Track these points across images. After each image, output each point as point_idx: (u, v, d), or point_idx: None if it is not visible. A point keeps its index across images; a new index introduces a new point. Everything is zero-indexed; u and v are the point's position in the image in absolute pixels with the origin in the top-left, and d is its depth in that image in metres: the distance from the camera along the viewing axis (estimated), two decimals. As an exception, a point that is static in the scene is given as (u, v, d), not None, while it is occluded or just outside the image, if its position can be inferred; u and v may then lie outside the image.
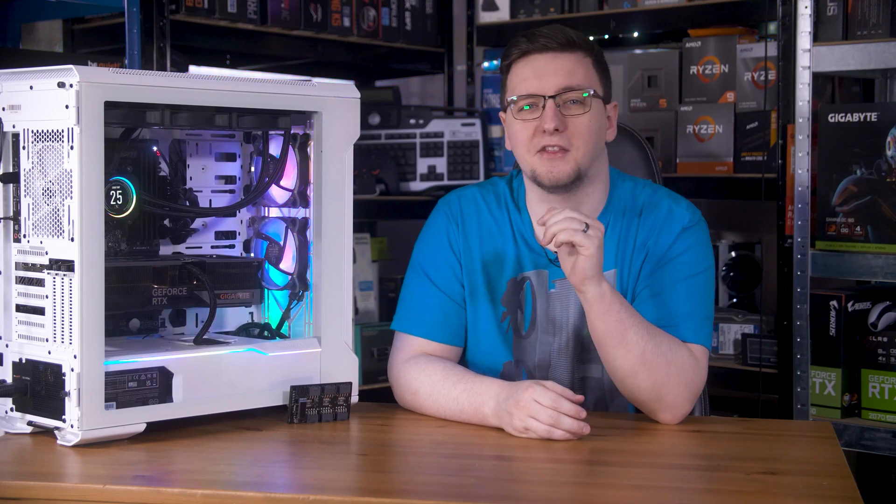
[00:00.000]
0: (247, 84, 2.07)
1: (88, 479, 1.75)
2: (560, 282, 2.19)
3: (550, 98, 2.10)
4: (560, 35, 2.13)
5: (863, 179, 2.88)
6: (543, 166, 2.12)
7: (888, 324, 2.98)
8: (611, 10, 3.51)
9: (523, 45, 2.14)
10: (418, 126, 3.70)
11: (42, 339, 1.90)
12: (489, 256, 2.23)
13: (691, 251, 2.16)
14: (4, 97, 1.95)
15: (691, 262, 2.15)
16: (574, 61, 2.13)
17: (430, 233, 2.28)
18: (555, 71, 2.12)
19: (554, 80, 2.11)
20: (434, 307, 2.22)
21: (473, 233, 2.24)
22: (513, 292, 2.22)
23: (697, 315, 2.13)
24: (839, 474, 1.77)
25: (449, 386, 2.09)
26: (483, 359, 2.23)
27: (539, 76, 2.12)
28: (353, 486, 1.79)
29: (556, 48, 2.12)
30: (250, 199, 2.21)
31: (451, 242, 2.24)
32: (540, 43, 2.13)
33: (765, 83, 3.21)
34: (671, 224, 2.17)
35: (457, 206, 2.27)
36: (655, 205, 2.20)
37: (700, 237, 2.19)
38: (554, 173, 2.11)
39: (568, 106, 2.11)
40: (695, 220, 2.19)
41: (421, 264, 2.25)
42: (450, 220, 2.26)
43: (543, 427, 1.93)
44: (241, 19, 3.25)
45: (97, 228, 1.86)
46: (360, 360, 2.42)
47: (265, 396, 2.06)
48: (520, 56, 2.15)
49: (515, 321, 2.22)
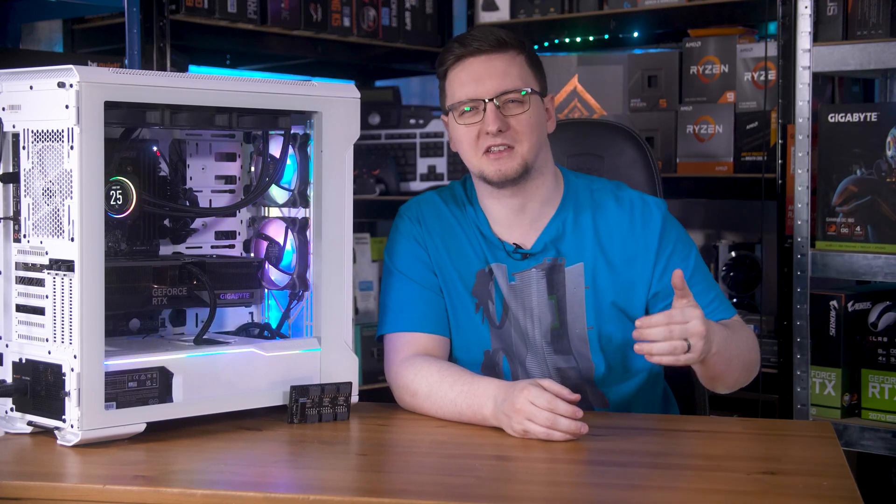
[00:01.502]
0: (247, 84, 2.07)
1: (88, 479, 1.75)
2: (520, 275, 2.24)
3: (490, 101, 2.16)
4: (491, 37, 2.20)
5: (863, 179, 2.88)
6: (491, 166, 2.18)
7: (888, 324, 2.98)
8: (611, 10, 3.51)
9: (457, 50, 2.21)
10: (418, 126, 3.70)
11: (42, 339, 1.90)
12: (455, 252, 2.27)
13: (679, 236, 2.27)
14: (4, 97, 1.95)
15: (685, 247, 2.26)
16: (507, 62, 2.19)
17: (397, 237, 2.31)
18: (490, 74, 2.18)
19: (491, 83, 2.17)
20: (416, 300, 2.24)
21: (436, 231, 2.29)
22: (482, 283, 2.26)
23: (718, 292, 2.26)
24: (839, 474, 1.76)
25: (446, 388, 2.09)
26: (465, 349, 2.26)
27: (476, 80, 2.18)
28: (353, 486, 1.79)
29: (488, 50, 2.19)
30: (250, 199, 2.21)
31: (417, 241, 2.28)
32: (473, 47, 2.19)
33: (765, 83, 3.21)
34: (651, 214, 2.26)
35: (416, 209, 2.32)
36: (625, 199, 2.28)
37: (676, 222, 2.30)
38: (502, 171, 2.18)
39: (508, 106, 2.18)
40: (664, 206, 2.29)
41: (395, 265, 2.28)
42: (413, 222, 2.30)
43: (542, 430, 1.93)
44: (241, 19, 3.25)
45: (97, 228, 1.86)
46: (360, 360, 2.42)
47: (265, 396, 2.06)
48: (455, 61, 2.21)
49: (488, 312, 2.25)
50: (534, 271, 2.24)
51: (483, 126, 2.17)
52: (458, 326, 2.26)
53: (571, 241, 2.24)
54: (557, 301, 2.23)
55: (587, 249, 2.23)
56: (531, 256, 2.24)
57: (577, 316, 2.22)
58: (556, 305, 2.23)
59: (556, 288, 2.23)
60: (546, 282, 2.23)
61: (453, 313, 2.26)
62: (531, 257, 2.24)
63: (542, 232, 2.24)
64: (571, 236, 2.24)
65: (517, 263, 2.24)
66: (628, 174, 2.49)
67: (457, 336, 2.27)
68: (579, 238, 2.24)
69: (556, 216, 2.25)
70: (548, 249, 2.24)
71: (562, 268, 2.23)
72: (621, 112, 3.48)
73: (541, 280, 2.23)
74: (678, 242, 2.25)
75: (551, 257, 2.23)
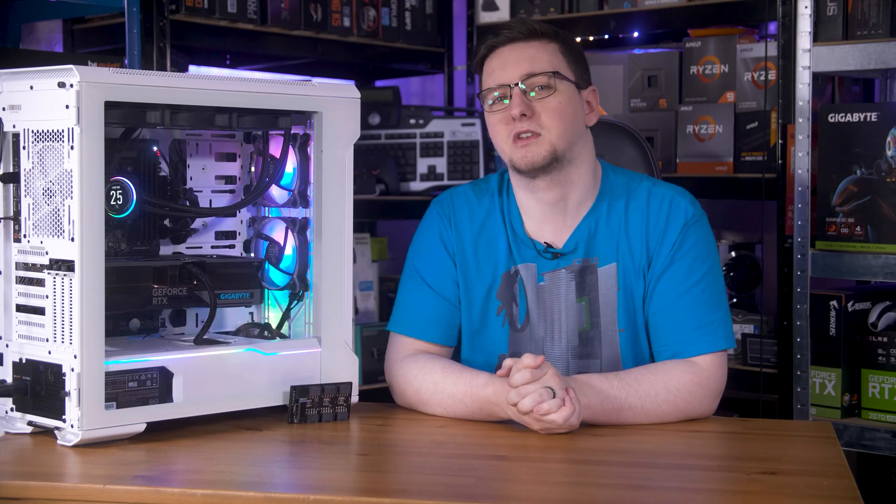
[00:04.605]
0: (247, 84, 2.07)
1: (88, 479, 1.75)
2: (549, 275, 2.20)
3: (516, 85, 2.13)
4: (523, 26, 2.18)
5: (863, 179, 2.88)
6: (518, 153, 2.14)
7: (888, 324, 2.98)
8: (611, 10, 3.51)
9: (490, 41, 2.20)
10: (418, 126, 3.70)
11: (42, 339, 1.90)
12: (483, 253, 2.23)
13: (695, 249, 2.16)
14: (4, 97, 1.95)
15: (696, 263, 2.16)
16: (537, 48, 2.16)
17: (423, 233, 2.29)
18: (517, 60, 2.15)
19: (517, 68, 2.14)
20: (428, 308, 2.23)
21: (466, 230, 2.25)
22: (506, 285, 2.22)
23: (707, 322, 2.13)
24: (839, 474, 1.76)
25: (450, 385, 2.09)
26: (479, 353, 2.24)
27: (503, 66, 2.16)
28: (353, 486, 1.79)
29: (519, 38, 2.17)
30: (250, 199, 2.21)
31: (444, 242, 2.25)
32: (505, 36, 2.18)
33: (765, 83, 3.21)
34: (675, 217, 2.18)
35: (449, 204, 2.28)
36: (656, 195, 2.20)
37: (703, 233, 2.19)
38: (528, 157, 2.13)
39: (536, 91, 2.14)
40: (697, 214, 2.20)
41: (416, 266, 2.26)
42: (442, 219, 2.27)
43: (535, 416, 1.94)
44: (241, 19, 3.25)
45: (97, 228, 1.86)
46: (360, 360, 2.42)
47: (265, 396, 2.06)
48: (487, 52, 2.20)
49: (511, 314, 2.22)
50: (563, 272, 2.19)
51: (509, 111, 2.14)
52: (473, 331, 2.24)
53: (604, 241, 2.18)
54: (589, 303, 2.18)
55: (620, 249, 2.18)
56: (562, 256, 2.19)
57: (610, 318, 2.18)
58: (588, 307, 2.18)
59: (588, 289, 2.18)
60: (575, 284, 2.19)
61: (468, 318, 2.24)
62: (562, 257, 2.19)
63: (574, 231, 2.19)
64: (604, 236, 2.19)
65: (547, 263, 2.19)
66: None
67: (470, 339, 2.25)
68: (612, 238, 2.18)
69: (590, 215, 2.19)
70: (579, 249, 2.18)
71: (594, 268, 2.18)
72: (621, 112, 3.49)
73: (570, 282, 2.19)
74: (688, 255, 2.16)
75: (582, 258, 2.18)
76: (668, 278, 2.15)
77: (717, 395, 2.13)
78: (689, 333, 2.13)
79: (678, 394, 2.07)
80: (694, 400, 2.09)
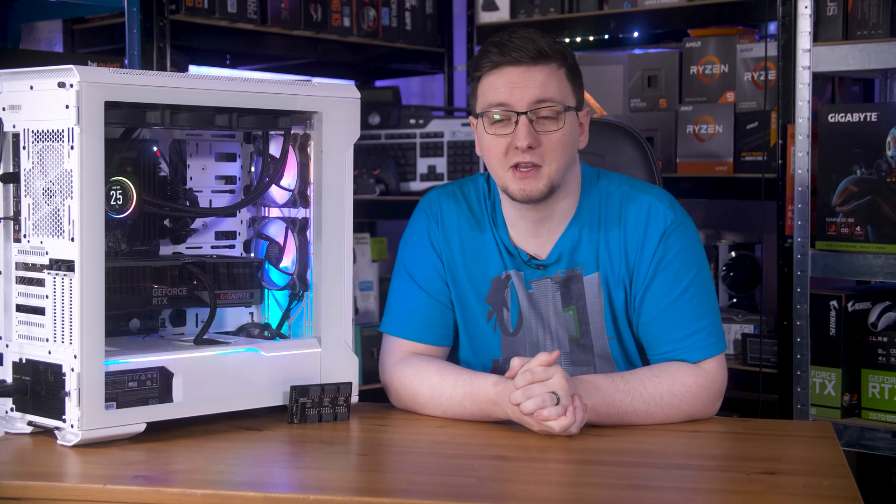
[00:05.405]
0: (247, 84, 2.07)
1: (88, 479, 1.75)
2: (536, 283, 2.19)
3: (524, 114, 2.06)
4: (531, 46, 2.06)
5: (863, 179, 2.88)
6: (516, 184, 2.09)
7: (888, 324, 2.98)
8: (611, 10, 3.51)
9: (495, 57, 2.08)
10: (418, 126, 3.69)
11: (42, 339, 1.90)
12: (471, 255, 2.22)
13: (679, 258, 2.13)
14: (4, 97, 1.95)
15: (681, 271, 2.13)
16: (548, 74, 2.08)
17: (412, 233, 2.27)
18: (527, 84, 2.07)
19: (527, 93, 2.06)
20: (419, 309, 2.22)
21: (454, 231, 2.23)
22: (497, 290, 2.21)
23: (699, 328, 2.11)
24: (839, 474, 1.76)
25: (448, 388, 2.09)
26: (473, 357, 2.24)
27: (511, 88, 2.07)
28: (353, 486, 1.79)
29: (528, 62, 2.07)
30: (250, 199, 2.21)
31: (432, 242, 2.24)
32: (512, 56, 2.07)
33: (765, 83, 3.21)
34: (654, 225, 2.13)
35: (436, 204, 2.26)
36: (634, 201, 2.15)
37: (686, 239, 2.14)
38: (527, 191, 2.09)
39: (541, 122, 2.07)
40: (678, 219, 2.15)
41: (405, 266, 2.25)
42: (430, 219, 2.25)
43: (539, 419, 1.94)
44: (241, 19, 3.25)
45: (97, 228, 1.86)
46: (360, 360, 2.42)
47: (265, 396, 2.06)
48: (492, 68, 2.09)
49: (502, 319, 2.21)
50: (549, 282, 2.18)
51: (513, 140, 2.06)
52: (469, 333, 2.24)
53: (587, 250, 2.16)
54: (577, 311, 2.17)
55: (601, 259, 2.16)
56: (545, 268, 2.18)
57: (599, 326, 2.17)
58: (576, 316, 2.17)
59: (576, 298, 2.17)
60: (561, 294, 2.17)
61: (463, 320, 2.23)
62: (546, 268, 2.18)
63: (557, 243, 2.17)
64: (587, 245, 2.16)
65: (534, 272, 2.18)
66: (628, 173, 2.48)
67: (465, 342, 2.24)
68: (594, 247, 2.16)
69: (572, 225, 2.17)
70: (562, 260, 2.16)
71: (580, 277, 2.16)
72: (621, 112, 3.49)
73: (556, 292, 2.17)
74: (672, 264, 2.12)
75: (566, 269, 2.17)
76: (654, 291, 2.13)
77: (719, 397, 2.13)
78: (680, 343, 2.11)
79: (683, 397, 2.07)
80: (697, 402, 2.09)
